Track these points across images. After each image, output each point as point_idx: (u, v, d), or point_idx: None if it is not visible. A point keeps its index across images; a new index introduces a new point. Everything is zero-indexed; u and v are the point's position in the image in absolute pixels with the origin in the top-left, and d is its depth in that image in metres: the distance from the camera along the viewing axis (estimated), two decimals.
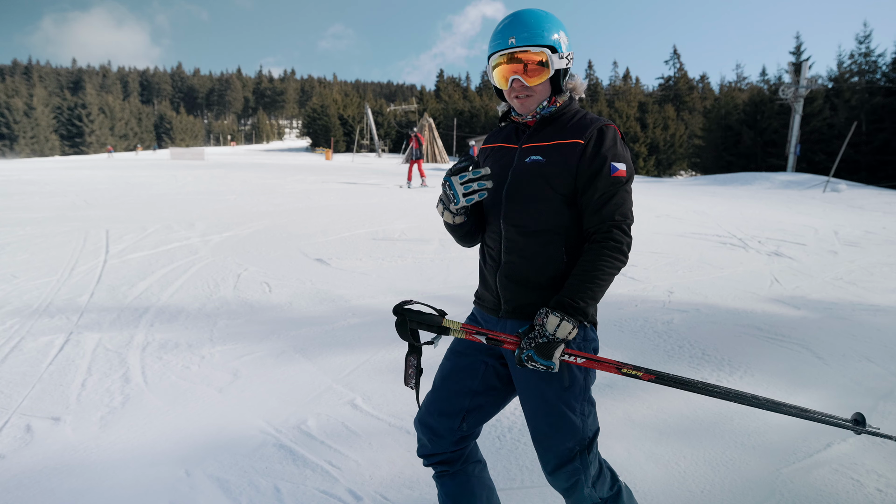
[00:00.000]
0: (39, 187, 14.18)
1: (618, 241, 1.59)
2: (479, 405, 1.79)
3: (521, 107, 1.71)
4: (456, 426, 1.77)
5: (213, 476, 2.47)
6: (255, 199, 12.37)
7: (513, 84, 1.68)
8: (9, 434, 2.80)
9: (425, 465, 1.85)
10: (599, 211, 1.61)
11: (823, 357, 3.88)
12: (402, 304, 1.66)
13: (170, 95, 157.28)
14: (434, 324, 1.64)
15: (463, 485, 1.82)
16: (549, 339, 1.53)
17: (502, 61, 1.68)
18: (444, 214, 1.72)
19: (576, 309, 1.54)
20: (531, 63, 1.65)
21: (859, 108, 31.48)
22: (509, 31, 1.65)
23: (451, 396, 1.78)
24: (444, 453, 1.80)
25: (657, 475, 2.51)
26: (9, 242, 7.29)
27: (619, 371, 1.62)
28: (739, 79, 60.56)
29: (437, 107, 74.98)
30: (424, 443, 1.82)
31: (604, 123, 1.66)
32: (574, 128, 1.67)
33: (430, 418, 1.79)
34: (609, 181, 1.60)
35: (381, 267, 6.39)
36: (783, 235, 8.97)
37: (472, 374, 1.78)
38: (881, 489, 2.40)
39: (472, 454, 1.87)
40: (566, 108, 1.74)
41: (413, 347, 1.68)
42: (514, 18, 1.67)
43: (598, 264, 1.56)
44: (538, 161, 1.66)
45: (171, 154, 49.48)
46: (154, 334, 4.19)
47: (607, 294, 5.45)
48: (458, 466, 1.83)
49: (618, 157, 1.63)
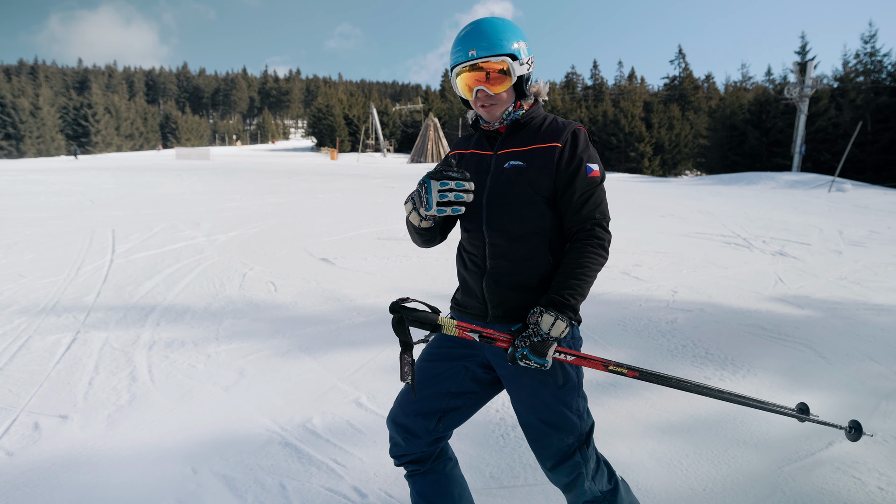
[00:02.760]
0: (46, 187, 14.26)
1: (600, 237, 1.64)
2: (456, 406, 1.81)
3: (487, 115, 1.73)
4: (432, 427, 1.79)
5: (220, 474, 2.50)
6: (260, 198, 12.41)
7: (477, 94, 1.69)
8: (17, 432, 2.83)
9: (396, 465, 1.86)
10: (580, 210, 1.65)
11: (827, 356, 3.88)
12: (397, 301, 1.67)
13: (175, 95, 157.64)
14: (429, 321, 1.66)
15: (435, 483, 1.83)
16: (543, 338, 1.55)
17: (465, 70, 1.69)
18: (411, 214, 1.65)
19: (567, 306, 1.57)
20: (493, 70, 1.67)
21: (865, 108, 31.32)
22: (469, 44, 1.66)
23: (429, 397, 1.79)
24: (416, 453, 1.82)
25: (660, 473, 2.52)
26: (16, 242, 7.35)
27: (605, 368, 1.67)
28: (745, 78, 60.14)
29: (442, 106, 74.96)
30: (398, 441, 1.82)
31: (576, 126, 1.71)
32: (548, 132, 1.71)
33: (406, 418, 1.80)
34: (586, 181, 1.65)
35: (386, 266, 6.41)
36: (788, 235, 8.95)
37: (451, 378, 1.80)
38: (882, 487, 2.41)
39: (443, 451, 1.88)
40: (534, 112, 1.76)
41: (406, 345, 1.69)
42: (474, 29, 1.68)
43: (582, 261, 1.60)
44: (519, 166, 1.69)
45: (176, 154, 49.61)
46: (160, 333, 4.22)
47: (610, 293, 5.47)
48: (429, 465, 1.84)
49: (591, 158, 1.68)
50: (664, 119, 53.51)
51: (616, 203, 11.93)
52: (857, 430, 1.94)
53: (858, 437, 1.95)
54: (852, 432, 1.95)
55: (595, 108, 58.51)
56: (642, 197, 14.39)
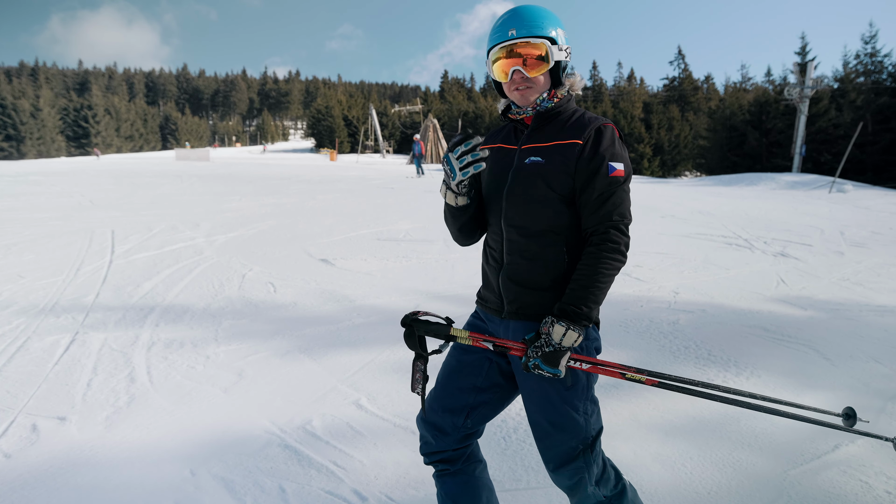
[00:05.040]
0: (46, 188, 14.24)
1: (615, 241, 1.59)
2: (484, 402, 1.79)
3: (521, 99, 1.71)
4: (460, 423, 1.77)
5: (218, 476, 2.47)
6: (259, 199, 12.39)
7: (513, 76, 1.68)
8: (15, 433, 2.81)
9: (426, 464, 1.85)
10: (598, 211, 1.61)
11: (830, 358, 3.85)
12: (409, 315, 1.67)
13: (175, 97, 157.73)
14: (442, 333, 1.65)
15: (464, 484, 1.81)
16: (555, 348, 1.53)
17: (502, 55, 1.68)
18: (447, 196, 1.71)
19: (580, 315, 1.55)
20: (531, 56, 1.66)
21: (865, 109, 31.32)
22: (509, 24, 1.66)
23: (456, 393, 1.78)
24: (447, 451, 1.80)
25: (664, 476, 2.50)
26: (15, 243, 7.33)
27: (623, 377, 1.63)
28: (744, 79, 60.19)
29: (441, 107, 74.99)
30: (428, 440, 1.82)
31: (602, 123, 1.65)
32: (572, 127, 1.67)
33: (435, 415, 1.79)
34: (607, 181, 1.60)
35: (386, 267, 6.39)
36: (789, 236, 8.92)
37: (477, 371, 1.78)
38: (890, 491, 2.38)
39: (473, 454, 1.87)
40: (564, 105, 1.74)
41: (419, 356, 1.69)
42: (514, 13, 1.69)
43: (597, 267, 1.57)
44: (538, 162, 1.66)
45: (176, 155, 49.56)
46: (159, 334, 4.20)
47: (612, 294, 5.43)
48: (459, 465, 1.82)
49: (616, 156, 1.63)
50: (664, 120, 53.47)
51: None
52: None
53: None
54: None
55: (594, 109, 58.47)
56: (642, 198, 14.35)
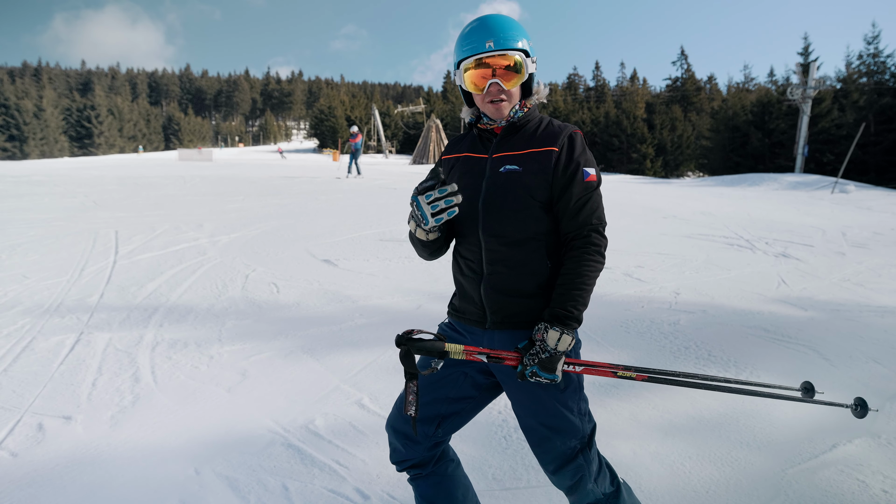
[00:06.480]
0: (49, 188, 14.30)
1: (597, 244, 1.63)
2: (455, 412, 1.80)
3: (495, 112, 1.69)
4: (431, 432, 1.78)
5: (222, 474, 2.50)
6: (262, 200, 12.43)
7: (490, 88, 1.66)
8: (21, 433, 2.84)
9: (399, 471, 1.85)
10: (577, 216, 1.63)
11: (830, 358, 3.87)
12: (403, 335, 1.64)
13: (178, 97, 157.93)
14: (436, 350, 1.63)
15: (437, 485, 1.83)
16: (551, 354, 1.55)
17: (475, 65, 1.66)
18: (417, 231, 1.67)
19: (571, 318, 1.57)
20: (506, 66, 1.65)
21: (868, 109, 31.29)
22: (485, 36, 1.64)
23: (428, 404, 1.78)
24: (417, 458, 1.81)
25: (662, 475, 2.52)
26: (20, 243, 7.37)
27: (615, 375, 1.66)
28: (747, 80, 60.31)
29: (444, 108, 74.92)
30: (397, 447, 1.82)
31: (572, 130, 1.69)
32: (545, 136, 1.68)
33: (405, 424, 1.78)
34: (583, 186, 1.64)
35: (389, 268, 6.42)
36: (791, 237, 8.93)
37: (451, 384, 1.79)
38: (887, 490, 2.40)
39: (444, 453, 1.87)
40: (530, 114, 1.75)
41: (413, 376, 1.66)
42: (486, 24, 1.66)
43: (582, 270, 1.59)
44: (514, 170, 1.66)
45: (178, 155, 49.64)
46: (163, 334, 4.23)
47: (613, 295, 5.46)
48: (430, 468, 1.83)
49: (588, 162, 1.67)
50: (666, 120, 53.36)
51: (618, 204, 12.03)
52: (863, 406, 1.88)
53: (864, 413, 1.87)
54: (858, 409, 1.89)
55: (597, 110, 58.41)
56: (644, 198, 14.36)
